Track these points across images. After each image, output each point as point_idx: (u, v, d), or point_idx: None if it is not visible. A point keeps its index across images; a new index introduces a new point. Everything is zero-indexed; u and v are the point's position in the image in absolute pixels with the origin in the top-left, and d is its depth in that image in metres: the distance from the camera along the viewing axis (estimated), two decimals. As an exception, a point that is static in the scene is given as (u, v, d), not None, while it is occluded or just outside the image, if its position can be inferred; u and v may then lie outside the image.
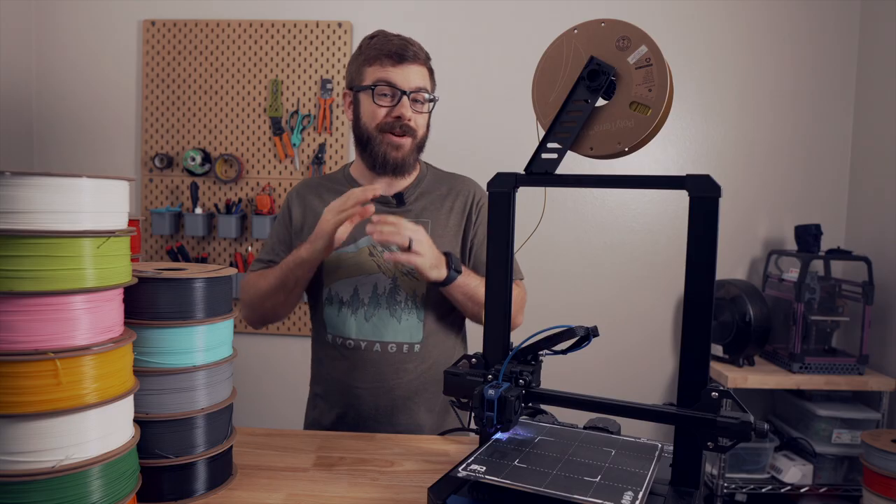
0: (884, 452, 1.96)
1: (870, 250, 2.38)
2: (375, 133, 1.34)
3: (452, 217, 1.42)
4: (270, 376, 2.60)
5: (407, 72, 1.32)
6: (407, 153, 1.36)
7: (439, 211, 1.42)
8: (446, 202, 1.43)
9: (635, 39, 0.86)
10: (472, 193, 1.45)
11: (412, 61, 1.33)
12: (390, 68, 1.32)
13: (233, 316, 0.99)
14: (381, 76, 1.32)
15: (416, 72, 1.34)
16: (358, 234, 1.37)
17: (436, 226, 1.40)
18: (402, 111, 1.32)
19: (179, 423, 0.92)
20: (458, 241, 1.42)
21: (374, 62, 1.33)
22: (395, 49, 1.32)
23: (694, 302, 0.83)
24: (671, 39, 2.55)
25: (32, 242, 0.72)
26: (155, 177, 2.64)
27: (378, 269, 1.37)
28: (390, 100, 1.33)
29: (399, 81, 1.31)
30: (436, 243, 1.37)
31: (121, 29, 2.62)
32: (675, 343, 2.65)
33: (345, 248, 1.37)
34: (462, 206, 1.43)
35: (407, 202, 1.40)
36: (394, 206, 1.39)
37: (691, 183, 0.82)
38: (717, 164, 2.60)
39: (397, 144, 1.34)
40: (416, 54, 1.34)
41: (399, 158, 1.35)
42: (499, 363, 0.96)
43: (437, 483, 0.86)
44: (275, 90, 2.59)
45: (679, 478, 0.84)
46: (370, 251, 1.37)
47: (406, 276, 1.36)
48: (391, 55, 1.31)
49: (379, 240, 1.22)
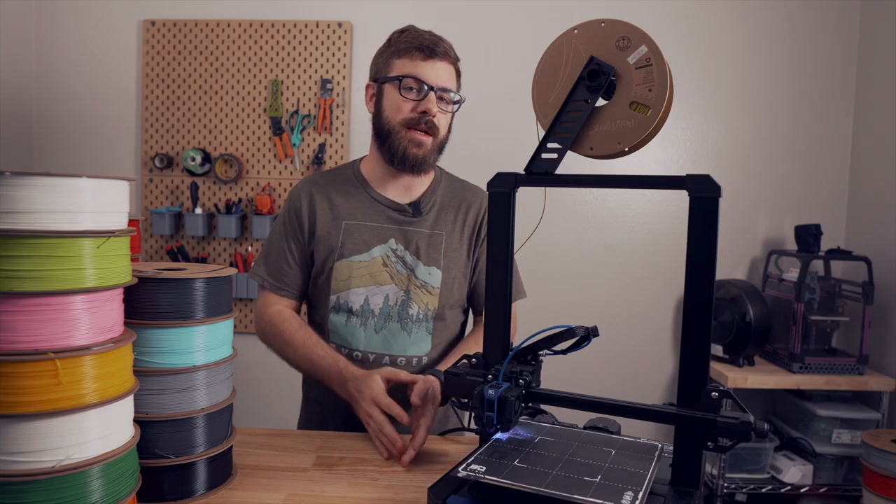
0: (884, 452, 1.96)
1: (870, 250, 2.38)
2: (399, 127, 1.30)
3: (465, 231, 1.40)
4: (270, 376, 2.59)
5: (436, 68, 1.29)
6: (428, 152, 1.32)
7: (453, 224, 1.39)
8: (459, 214, 1.40)
9: (635, 39, 0.86)
10: (481, 208, 1.42)
11: (442, 58, 1.30)
12: (420, 62, 1.28)
13: (233, 316, 0.99)
14: (409, 69, 1.28)
15: (445, 70, 1.30)
16: (371, 242, 1.34)
17: (450, 239, 1.38)
18: (427, 106, 1.28)
19: (179, 423, 0.92)
20: (469, 257, 1.40)
21: (403, 55, 1.29)
22: (426, 43, 1.28)
23: (694, 302, 0.83)
24: (671, 39, 2.55)
25: (32, 242, 0.72)
26: (155, 177, 2.64)
27: (391, 280, 1.33)
28: (416, 94, 1.29)
29: (427, 76, 1.28)
30: (451, 258, 1.37)
31: (121, 29, 2.62)
32: (675, 343, 2.65)
33: (357, 257, 1.34)
34: (473, 220, 1.41)
35: (423, 212, 1.37)
36: (410, 215, 1.36)
37: (691, 183, 0.82)
38: (717, 164, 2.60)
39: (419, 141, 1.30)
40: (446, 52, 1.30)
41: (420, 156, 1.31)
42: (499, 363, 0.96)
43: (437, 483, 0.85)
44: (275, 90, 2.59)
45: (679, 478, 0.84)
46: (384, 261, 1.34)
47: (419, 289, 1.34)
48: (422, 49, 1.28)
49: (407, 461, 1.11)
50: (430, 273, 1.34)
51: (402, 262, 1.34)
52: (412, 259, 1.35)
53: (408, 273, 1.34)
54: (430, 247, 1.36)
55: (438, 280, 1.35)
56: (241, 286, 2.59)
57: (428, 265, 1.35)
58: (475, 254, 1.41)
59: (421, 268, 1.34)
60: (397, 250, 1.35)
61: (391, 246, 1.35)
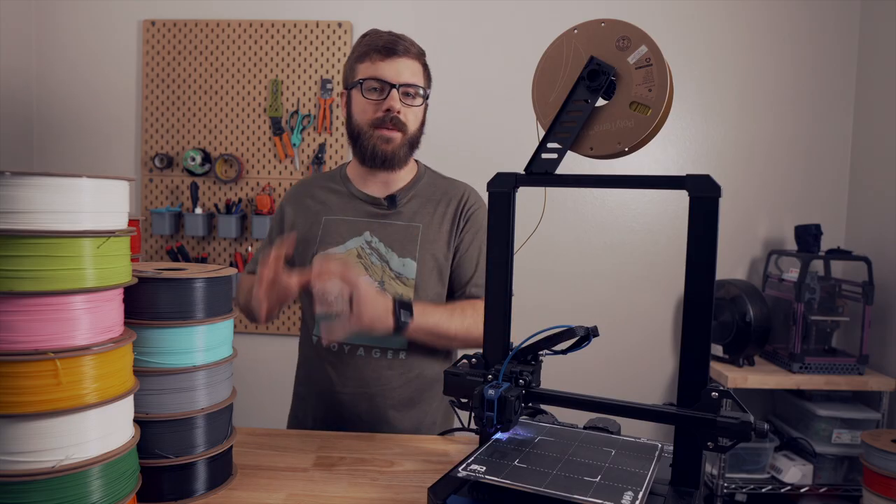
0: (884, 452, 1.96)
1: (870, 250, 2.38)
2: (367, 128, 1.34)
3: (445, 223, 1.39)
4: (270, 376, 2.59)
5: (396, 65, 1.31)
6: (397, 147, 1.34)
7: (432, 216, 1.39)
8: (440, 207, 1.40)
9: (635, 39, 0.86)
10: (464, 199, 1.41)
11: (402, 55, 1.32)
12: (379, 63, 1.31)
13: (233, 316, 0.99)
14: (370, 71, 1.32)
15: (407, 66, 1.32)
16: (347, 235, 1.37)
17: (427, 231, 1.38)
18: (390, 104, 1.31)
19: (179, 423, 0.92)
20: (451, 248, 1.39)
21: (364, 58, 1.33)
22: (383, 44, 1.31)
23: (694, 302, 0.83)
24: (671, 39, 2.55)
25: (32, 242, 0.72)
26: (155, 177, 2.64)
27: (365, 271, 1.35)
28: (379, 94, 1.32)
29: (388, 75, 1.31)
30: (428, 249, 1.36)
31: (121, 29, 2.62)
32: (675, 343, 2.65)
33: (333, 249, 1.36)
34: (453, 211, 1.41)
35: (399, 204, 1.39)
36: (385, 207, 1.38)
37: (691, 183, 0.82)
38: (717, 164, 2.60)
39: (387, 138, 1.33)
40: (406, 49, 1.33)
41: (389, 151, 1.34)
42: (499, 363, 0.96)
43: (437, 483, 0.86)
44: (275, 90, 2.59)
45: (679, 478, 0.84)
46: (359, 253, 1.36)
47: (394, 280, 1.34)
48: (380, 50, 1.31)
49: (318, 293, 1.18)
50: (405, 265, 1.35)
51: (376, 254, 1.36)
52: (386, 250, 1.36)
53: (382, 265, 1.35)
54: (405, 238, 1.37)
55: (413, 271, 1.35)
56: (241, 286, 2.59)
57: (402, 256, 1.35)
58: (456, 240, 1.40)
59: (395, 259, 1.35)
60: (371, 242, 1.36)
61: (366, 238, 1.37)
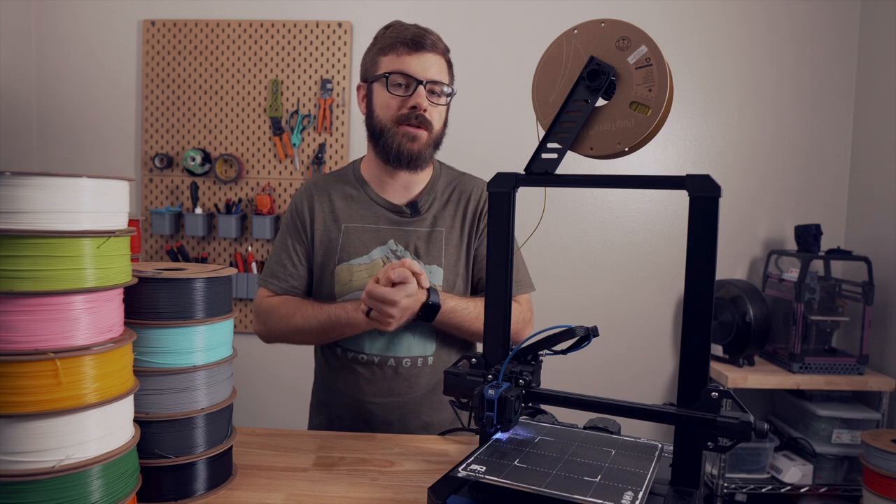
0: (884, 452, 1.96)
1: (870, 250, 2.38)
2: (390, 125, 1.28)
3: (465, 224, 1.38)
4: (270, 376, 2.59)
5: (423, 60, 1.26)
6: (423, 146, 1.29)
7: (453, 218, 1.37)
8: (459, 208, 1.38)
9: (635, 39, 0.86)
10: (480, 199, 1.39)
11: (429, 50, 1.27)
12: (406, 57, 1.25)
13: (233, 316, 0.99)
14: (396, 65, 1.26)
15: (434, 62, 1.27)
16: (371, 244, 1.34)
17: (450, 235, 1.36)
18: (417, 101, 1.25)
19: (179, 423, 0.92)
20: (471, 249, 1.38)
21: (389, 51, 1.27)
22: (410, 37, 1.25)
23: (694, 302, 0.83)
24: (671, 39, 2.55)
25: (32, 242, 0.72)
26: (155, 177, 2.64)
27: None
28: (405, 89, 1.26)
29: (415, 70, 1.25)
30: (452, 254, 1.35)
31: (121, 29, 2.63)
32: (675, 343, 2.65)
33: (357, 260, 1.33)
34: (473, 211, 1.38)
35: (421, 211, 1.36)
36: (408, 216, 1.35)
37: (691, 183, 0.82)
38: (717, 164, 2.60)
39: (413, 136, 1.27)
40: (433, 43, 1.27)
41: (415, 150, 1.28)
42: (499, 363, 0.96)
43: (437, 483, 0.86)
44: (275, 90, 2.59)
45: (679, 478, 0.84)
46: (384, 262, 1.33)
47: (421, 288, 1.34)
48: (407, 43, 1.25)
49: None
50: (432, 271, 1.34)
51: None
52: (412, 259, 1.35)
53: None
54: (429, 245, 1.35)
55: (440, 278, 1.34)
56: (241, 286, 2.59)
57: (429, 263, 1.34)
58: (474, 245, 1.39)
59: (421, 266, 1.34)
60: (397, 251, 1.34)
61: (390, 247, 1.34)
